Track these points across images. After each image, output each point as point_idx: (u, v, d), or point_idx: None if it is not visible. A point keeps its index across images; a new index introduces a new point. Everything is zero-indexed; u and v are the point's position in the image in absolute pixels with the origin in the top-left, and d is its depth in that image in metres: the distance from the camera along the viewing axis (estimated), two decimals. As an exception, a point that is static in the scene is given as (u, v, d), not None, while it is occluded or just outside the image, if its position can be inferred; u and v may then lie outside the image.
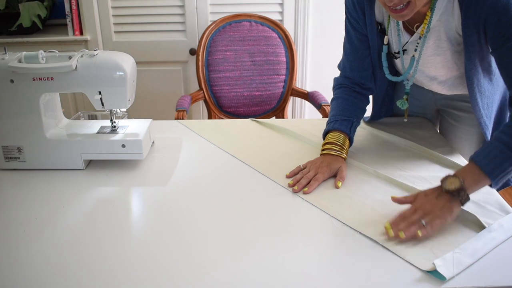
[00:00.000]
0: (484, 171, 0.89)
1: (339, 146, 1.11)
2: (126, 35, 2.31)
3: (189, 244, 0.84)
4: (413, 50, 1.10)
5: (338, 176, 1.05)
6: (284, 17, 2.28)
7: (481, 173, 0.89)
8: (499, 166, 0.89)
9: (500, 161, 0.89)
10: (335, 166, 1.07)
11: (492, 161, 0.89)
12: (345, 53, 1.24)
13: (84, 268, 0.77)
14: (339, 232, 0.87)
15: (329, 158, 1.09)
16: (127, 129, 1.14)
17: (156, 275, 0.76)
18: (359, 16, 1.14)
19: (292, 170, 1.08)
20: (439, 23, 1.02)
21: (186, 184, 1.05)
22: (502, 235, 0.84)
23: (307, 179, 1.03)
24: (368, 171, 1.09)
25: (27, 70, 1.02)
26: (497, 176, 0.89)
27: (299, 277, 0.75)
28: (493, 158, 0.90)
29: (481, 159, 0.90)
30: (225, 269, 0.77)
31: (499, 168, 0.89)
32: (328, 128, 1.16)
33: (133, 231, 0.89)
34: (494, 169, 0.89)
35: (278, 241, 0.84)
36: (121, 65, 1.04)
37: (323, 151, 1.12)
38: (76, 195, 1.00)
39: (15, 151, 1.09)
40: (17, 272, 0.77)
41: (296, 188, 1.01)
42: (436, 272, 0.74)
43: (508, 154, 0.89)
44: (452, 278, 0.74)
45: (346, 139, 1.13)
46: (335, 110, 1.20)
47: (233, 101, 2.10)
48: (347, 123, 1.15)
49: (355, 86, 1.22)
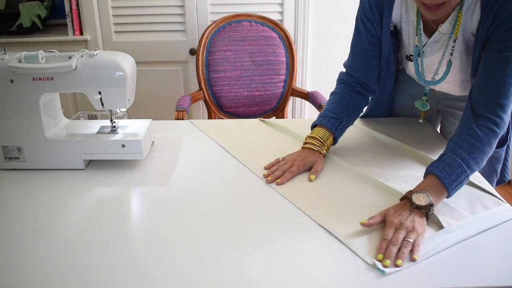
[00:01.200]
0: (445, 184, 0.91)
1: (321, 142, 1.12)
2: (126, 35, 2.31)
3: (189, 244, 0.84)
4: (434, 52, 1.09)
5: (312, 169, 1.07)
6: (284, 17, 2.28)
7: (442, 186, 0.91)
8: (456, 179, 0.91)
9: (458, 174, 0.92)
10: (310, 159, 1.09)
11: (450, 174, 0.91)
12: (353, 53, 1.22)
13: (84, 268, 0.77)
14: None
15: (307, 152, 1.11)
16: (127, 129, 1.14)
17: (156, 275, 0.76)
18: (375, 18, 1.13)
19: (271, 162, 1.11)
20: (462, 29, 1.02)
21: (186, 184, 1.05)
22: (459, 236, 0.84)
23: (282, 171, 1.06)
24: (345, 167, 1.11)
25: (27, 70, 1.02)
26: (454, 189, 0.92)
27: (301, 277, 0.75)
28: (451, 171, 0.92)
29: (441, 172, 0.92)
30: (225, 268, 0.77)
31: (456, 181, 0.92)
32: (316, 122, 1.17)
33: (133, 231, 0.89)
34: (453, 182, 0.91)
35: (278, 241, 0.84)
36: (121, 65, 1.04)
37: (305, 145, 1.13)
38: (76, 195, 1.00)
39: (15, 151, 1.09)
40: (17, 272, 0.76)
41: (269, 179, 1.03)
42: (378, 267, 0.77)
43: (464, 168, 0.92)
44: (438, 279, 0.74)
45: (330, 137, 1.14)
46: (329, 105, 1.21)
47: (233, 101, 2.10)
48: (335, 122, 1.16)
49: (357, 85, 1.22)
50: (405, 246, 0.81)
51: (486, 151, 0.95)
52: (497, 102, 0.96)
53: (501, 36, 0.94)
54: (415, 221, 0.86)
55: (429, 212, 0.87)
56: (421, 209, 0.87)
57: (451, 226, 0.86)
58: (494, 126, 0.96)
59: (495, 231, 0.87)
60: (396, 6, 1.10)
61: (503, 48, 0.95)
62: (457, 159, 0.93)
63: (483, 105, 0.97)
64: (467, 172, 0.93)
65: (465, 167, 0.92)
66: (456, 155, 0.93)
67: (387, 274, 0.76)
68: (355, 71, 1.22)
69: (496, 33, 0.95)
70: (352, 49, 1.23)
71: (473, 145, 0.94)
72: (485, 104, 0.97)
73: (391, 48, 1.17)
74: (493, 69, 0.97)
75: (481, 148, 0.95)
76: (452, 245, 0.82)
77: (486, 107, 0.97)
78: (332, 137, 1.15)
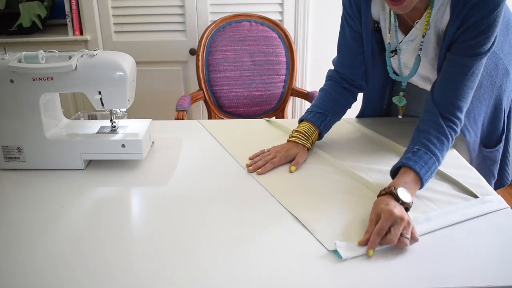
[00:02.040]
0: (422, 180, 0.94)
1: (306, 136, 1.15)
2: (126, 35, 2.31)
3: (189, 244, 0.84)
4: (410, 49, 1.10)
5: (294, 161, 1.11)
6: (284, 17, 2.28)
7: (419, 181, 0.94)
8: (430, 175, 0.96)
9: (432, 170, 0.96)
10: (293, 151, 1.12)
11: (427, 170, 0.95)
12: (339, 49, 1.26)
13: (84, 268, 0.77)
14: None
15: (291, 145, 1.14)
16: (127, 129, 1.14)
17: (156, 275, 0.76)
18: (355, 14, 1.15)
19: (255, 153, 1.14)
20: (432, 23, 1.04)
21: (186, 184, 1.05)
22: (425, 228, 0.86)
23: (264, 161, 1.09)
24: (328, 160, 1.14)
25: (27, 70, 1.02)
26: (426, 180, 0.95)
27: (303, 276, 0.75)
28: (428, 168, 0.95)
29: (420, 168, 0.94)
30: (226, 268, 0.77)
31: (430, 177, 0.96)
32: (302, 117, 1.21)
33: (133, 231, 0.89)
34: (428, 178, 0.96)
35: (279, 240, 0.84)
36: (121, 65, 1.04)
37: (290, 138, 1.16)
38: (76, 195, 1.00)
39: (15, 151, 1.09)
40: (17, 272, 0.76)
41: (250, 168, 1.08)
42: (337, 252, 0.80)
43: (436, 165, 0.97)
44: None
45: (316, 132, 1.18)
46: (316, 101, 1.24)
47: (233, 101, 2.10)
48: (321, 117, 1.19)
49: (343, 81, 1.24)
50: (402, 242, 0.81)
51: (448, 149, 1.01)
52: (456, 104, 1.01)
53: (467, 41, 0.98)
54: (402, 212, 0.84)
55: (409, 206, 0.89)
56: (405, 205, 0.87)
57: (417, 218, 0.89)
58: (455, 126, 1.02)
59: (495, 231, 0.87)
60: (374, 3, 1.12)
61: (467, 53, 0.99)
62: (432, 157, 0.97)
63: (445, 107, 1.01)
64: (437, 169, 0.98)
65: (437, 164, 0.98)
66: (431, 151, 0.97)
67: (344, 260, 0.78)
68: (341, 67, 1.25)
69: (463, 37, 0.98)
70: (338, 45, 1.26)
71: (443, 143, 0.99)
72: (447, 106, 1.01)
73: (375, 45, 1.18)
74: (456, 72, 1.01)
75: (447, 146, 1.00)
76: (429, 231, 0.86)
77: (448, 108, 1.01)
78: (318, 132, 1.18)
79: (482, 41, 0.97)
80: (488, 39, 0.97)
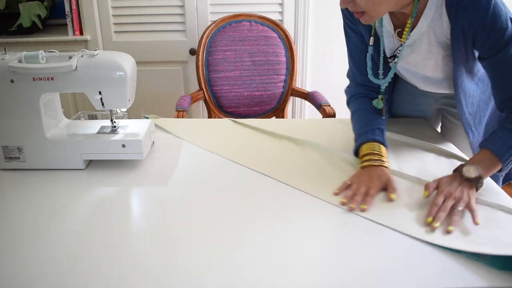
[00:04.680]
0: (497, 154, 0.96)
1: (378, 155, 1.07)
2: (126, 35, 2.31)
3: (189, 244, 0.84)
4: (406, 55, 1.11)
5: (389, 188, 1.00)
6: (284, 17, 2.28)
7: (493, 157, 0.96)
8: (508, 150, 0.96)
9: (510, 145, 0.96)
10: (384, 178, 1.02)
11: (502, 145, 0.96)
12: (351, 58, 1.22)
13: (84, 267, 0.77)
14: (342, 224, 0.87)
15: (373, 170, 1.04)
16: (127, 129, 1.14)
17: (156, 274, 0.76)
18: (354, 18, 1.14)
19: (340, 186, 1.02)
20: (429, 29, 1.04)
21: (186, 184, 1.05)
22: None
23: (360, 196, 0.97)
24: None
25: (27, 70, 1.02)
26: (507, 160, 0.96)
27: (304, 276, 0.76)
28: (503, 143, 0.96)
29: (493, 144, 0.97)
30: (226, 268, 0.77)
31: (508, 152, 0.96)
32: (359, 142, 1.11)
33: (133, 231, 0.89)
34: (505, 153, 0.96)
35: (279, 240, 0.84)
36: (121, 65, 1.04)
37: (363, 163, 1.07)
38: (76, 195, 1.00)
39: (15, 151, 1.09)
40: (17, 272, 0.76)
41: (353, 206, 0.94)
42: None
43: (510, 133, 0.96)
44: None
45: (381, 146, 1.09)
46: (359, 123, 1.16)
47: (233, 101, 2.10)
48: (378, 131, 1.12)
49: (370, 92, 1.20)
50: (455, 214, 0.88)
51: None
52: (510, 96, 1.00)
53: (486, 43, 0.97)
54: (464, 192, 0.92)
55: (478, 184, 0.93)
56: (470, 182, 0.93)
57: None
58: None
59: (495, 231, 0.87)
60: None
61: (495, 51, 0.97)
62: (506, 131, 0.97)
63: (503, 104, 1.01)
64: None
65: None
66: (506, 127, 0.98)
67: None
68: (359, 76, 1.21)
69: (480, 41, 0.97)
70: (348, 56, 1.23)
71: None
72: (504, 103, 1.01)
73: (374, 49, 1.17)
74: (499, 71, 1.00)
75: None
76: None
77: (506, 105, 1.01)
78: (383, 145, 1.10)
79: (498, 33, 0.94)
80: (502, 28, 0.93)
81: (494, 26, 0.94)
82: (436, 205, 0.90)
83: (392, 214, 0.92)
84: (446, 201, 0.91)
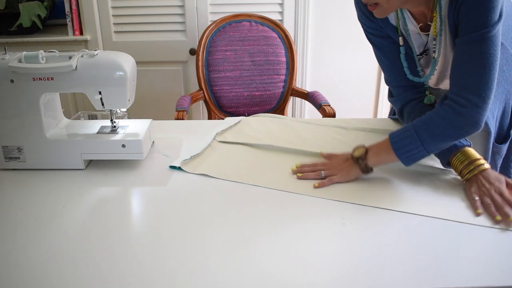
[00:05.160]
0: (393, 147, 1.00)
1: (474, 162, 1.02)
2: (126, 35, 2.31)
3: (189, 244, 0.84)
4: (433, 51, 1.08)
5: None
6: (284, 17, 2.28)
7: (388, 148, 1.01)
8: (405, 146, 0.99)
9: (408, 142, 0.99)
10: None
11: (402, 140, 1.00)
12: (384, 64, 1.19)
13: (84, 267, 0.77)
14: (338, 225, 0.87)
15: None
16: (127, 129, 1.14)
17: (156, 274, 0.76)
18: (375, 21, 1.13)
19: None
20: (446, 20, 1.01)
21: (186, 184, 1.05)
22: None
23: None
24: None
25: (27, 70, 1.02)
26: (402, 154, 1.00)
27: (304, 276, 0.76)
28: (404, 139, 1.00)
29: (394, 137, 1.01)
30: (226, 269, 0.77)
31: (405, 148, 1.00)
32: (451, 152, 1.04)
33: (133, 231, 0.89)
34: (400, 148, 1.00)
35: (280, 239, 0.84)
36: (121, 65, 1.04)
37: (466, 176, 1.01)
38: (76, 195, 1.00)
39: (15, 151, 1.09)
40: (16, 272, 0.76)
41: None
42: None
43: (416, 140, 0.98)
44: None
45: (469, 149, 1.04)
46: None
47: (233, 101, 2.10)
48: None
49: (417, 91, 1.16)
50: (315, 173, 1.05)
51: (442, 124, 0.97)
52: (464, 84, 0.96)
53: (464, 19, 0.94)
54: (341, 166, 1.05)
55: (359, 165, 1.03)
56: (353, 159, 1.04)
57: None
58: (457, 105, 0.96)
59: (495, 230, 0.87)
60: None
61: (468, 30, 0.94)
62: (410, 125, 1.00)
63: (451, 90, 0.99)
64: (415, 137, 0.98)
65: (413, 132, 0.98)
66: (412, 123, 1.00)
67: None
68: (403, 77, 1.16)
69: (461, 17, 0.95)
70: (381, 62, 1.20)
71: (430, 118, 0.99)
72: (452, 89, 0.99)
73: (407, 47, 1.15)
74: (461, 53, 0.96)
75: (436, 120, 0.98)
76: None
77: (453, 90, 0.98)
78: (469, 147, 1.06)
79: (481, 11, 0.91)
80: (488, 9, 0.90)
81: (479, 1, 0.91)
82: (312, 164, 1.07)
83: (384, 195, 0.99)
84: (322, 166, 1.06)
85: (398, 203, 0.96)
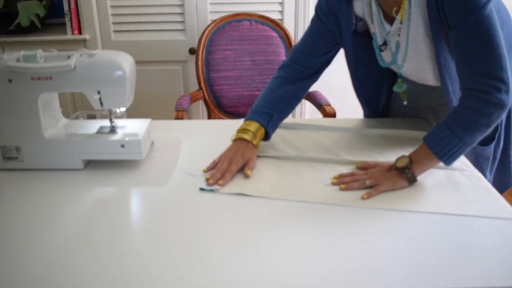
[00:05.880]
0: (433, 151, 0.98)
1: (252, 133, 1.13)
2: (125, 35, 2.30)
3: (189, 244, 0.83)
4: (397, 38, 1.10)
5: (246, 166, 1.07)
6: (284, 17, 2.27)
7: (429, 153, 0.99)
8: (445, 147, 0.98)
9: (446, 142, 0.97)
10: (247, 155, 1.09)
11: (439, 142, 0.98)
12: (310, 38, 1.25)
13: (84, 267, 0.77)
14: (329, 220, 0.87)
15: (240, 146, 1.11)
16: (126, 129, 1.13)
17: (156, 274, 0.75)
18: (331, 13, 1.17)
19: (208, 166, 1.09)
20: (416, 8, 1.03)
21: (186, 184, 1.04)
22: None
23: (221, 173, 1.04)
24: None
25: (25, 69, 1.01)
26: (444, 156, 0.98)
27: (304, 276, 0.75)
28: (440, 140, 0.98)
29: (430, 141, 0.99)
30: (226, 269, 0.77)
31: (445, 149, 0.98)
32: (247, 118, 1.18)
33: (133, 231, 0.89)
34: (440, 150, 0.98)
35: (280, 239, 0.84)
36: (120, 64, 1.03)
37: (235, 136, 1.14)
38: (75, 195, 1.00)
39: (14, 151, 1.09)
40: (16, 272, 0.76)
41: (211, 181, 1.02)
42: None
43: (453, 136, 0.97)
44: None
45: (261, 129, 1.15)
46: (259, 101, 1.23)
47: (233, 101, 2.09)
48: (266, 116, 1.17)
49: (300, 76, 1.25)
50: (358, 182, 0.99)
51: (472, 115, 0.96)
52: (478, 71, 0.96)
53: (451, 9, 0.95)
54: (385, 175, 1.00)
55: (406, 175, 0.99)
56: (400, 171, 1.00)
57: None
58: (479, 93, 0.95)
59: (494, 230, 0.87)
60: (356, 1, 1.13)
61: (460, 19, 0.94)
62: (441, 124, 0.99)
63: (469, 81, 0.98)
64: (451, 135, 0.97)
65: (448, 130, 0.97)
66: (443, 122, 0.99)
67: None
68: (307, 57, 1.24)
69: (447, 8, 0.96)
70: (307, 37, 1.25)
71: (458, 112, 0.98)
72: (470, 79, 0.98)
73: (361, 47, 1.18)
74: (463, 43, 0.97)
75: (465, 113, 0.97)
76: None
77: (470, 80, 0.98)
78: (264, 130, 1.16)
79: None
80: None
81: None
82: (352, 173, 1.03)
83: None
84: (363, 175, 1.01)
85: (398, 203, 0.95)
